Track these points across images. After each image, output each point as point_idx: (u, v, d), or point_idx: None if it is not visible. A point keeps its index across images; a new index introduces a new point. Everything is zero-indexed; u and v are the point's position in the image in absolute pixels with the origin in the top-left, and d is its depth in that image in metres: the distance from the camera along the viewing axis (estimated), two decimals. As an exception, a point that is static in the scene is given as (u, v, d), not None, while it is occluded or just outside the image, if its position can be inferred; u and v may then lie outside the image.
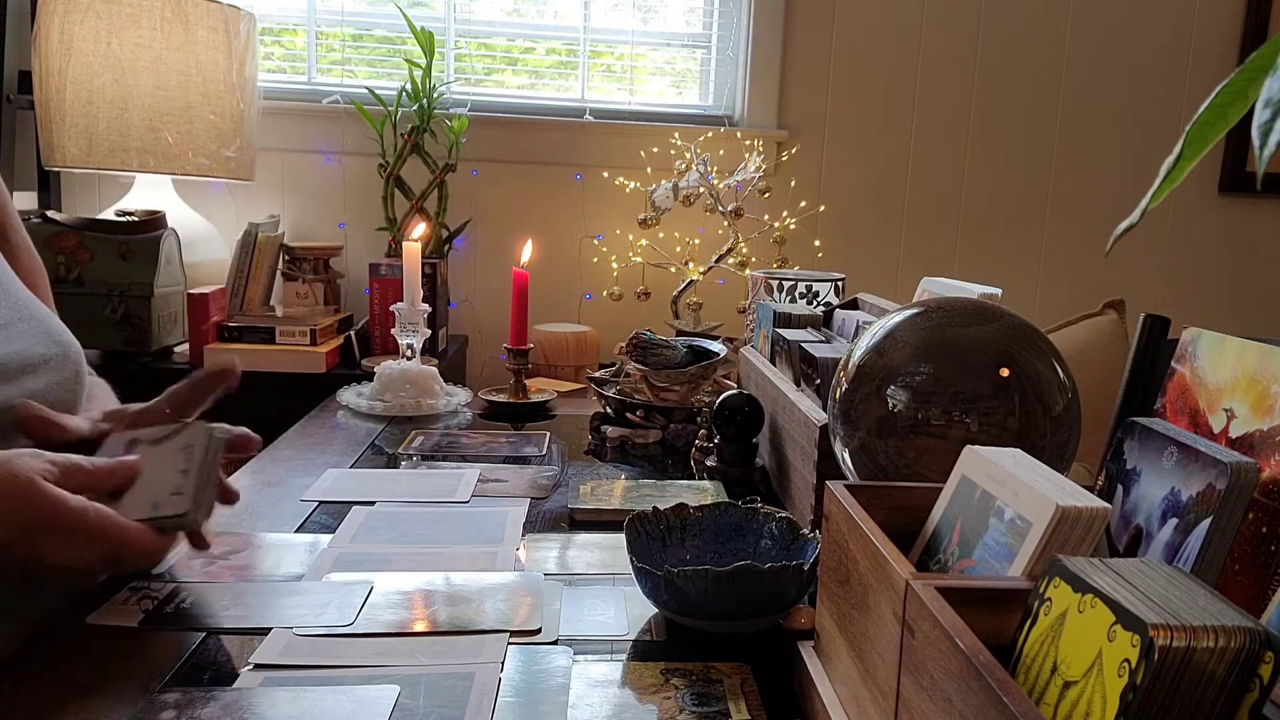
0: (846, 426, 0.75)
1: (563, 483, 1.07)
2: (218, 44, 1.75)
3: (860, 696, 0.54)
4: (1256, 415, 0.54)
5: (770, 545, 0.81)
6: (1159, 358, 0.64)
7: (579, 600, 0.77)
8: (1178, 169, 0.43)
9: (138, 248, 1.66)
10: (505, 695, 0.62)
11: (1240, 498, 0.51)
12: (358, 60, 2.22)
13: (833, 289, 1.42)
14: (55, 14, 1.66)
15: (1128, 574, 0.41)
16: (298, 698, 0.60)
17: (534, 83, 2.28)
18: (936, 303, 0.76)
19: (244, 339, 1.72)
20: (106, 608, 0.72)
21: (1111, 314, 1.82)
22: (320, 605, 0.73)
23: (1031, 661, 0.42)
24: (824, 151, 2.26)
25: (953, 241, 2.32)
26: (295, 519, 0.93)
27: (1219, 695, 0.36)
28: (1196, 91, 2.29)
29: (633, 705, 0.62)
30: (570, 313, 2.23)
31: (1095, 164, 2.31)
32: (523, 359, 1.44)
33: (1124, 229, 0.45)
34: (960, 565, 0.54)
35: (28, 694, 0.60)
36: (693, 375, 1.29)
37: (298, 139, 2.12)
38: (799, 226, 2.05)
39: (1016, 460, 0.54)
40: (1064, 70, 2.27)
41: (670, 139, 2.07)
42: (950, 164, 2.29)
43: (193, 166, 1.75)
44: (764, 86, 2.21)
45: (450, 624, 0.71)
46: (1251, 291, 2.39)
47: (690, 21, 2.27)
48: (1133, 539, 0.58)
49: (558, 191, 2.21)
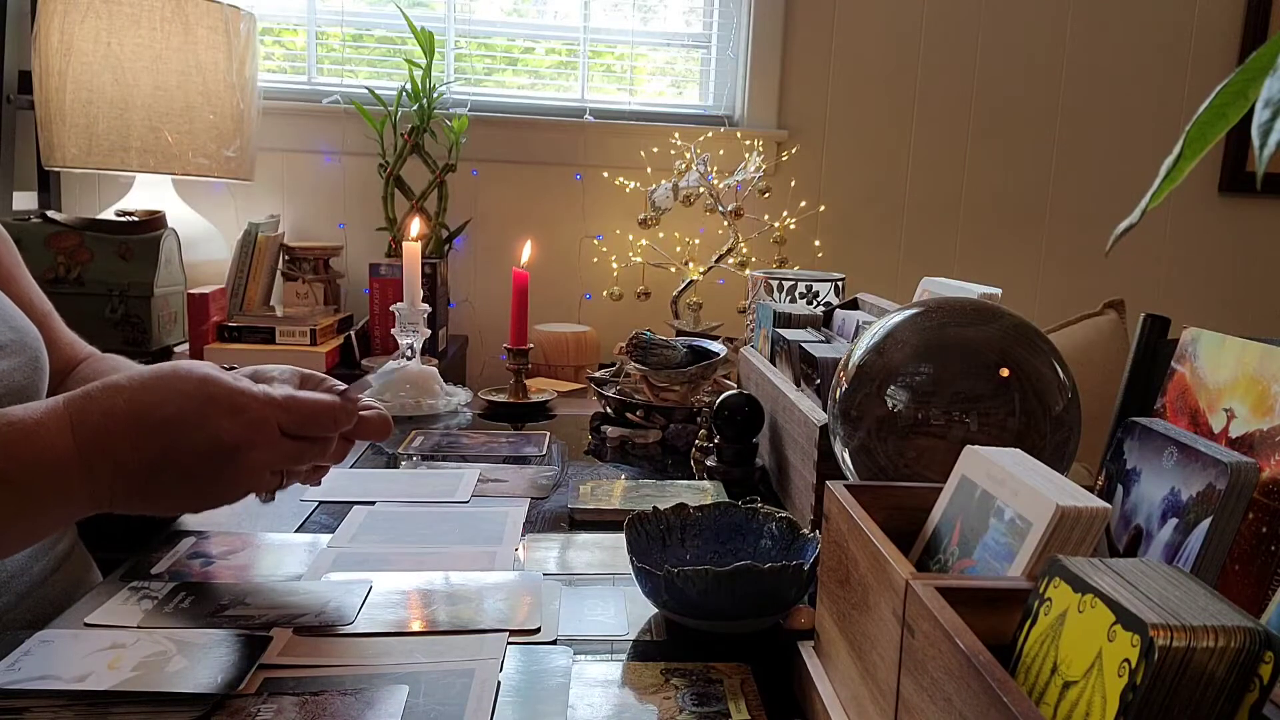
0: (846, 426, 0.75)
1: (563, 483, 1.07)
2: (218, 44, 1.75)
3: (860, 696, 0.54)
4: (1256, 415, 0.54)
5: (770, 545, 0.81)
6: (1159, 358, 0.64)
7: (579, 600, 0.77)
8: (1178, 169, 0.43)
9: (138, 248, 1.66)
10: (505, 695, 0.62)
11: (1240, 498, 0.51)
12: (358, 60, 2.22)
13: (833, 289, 1.42)
14: (55, 14, 1.66)
15: (1128, 574, 0.41)
16: (304, 701, 0.60)
17: (534, 83, 2.28)
18: (936, 303, 0.76)
19: (244, 339, 1.72)
20: (107, 607, 0.72)
21: (1111, 314, 1.82)
22: (320, 605, 0.73)
23: (1031, 661, 0.42)
24: (824, 151, 2.26)
25: (953, 241, 2.32)
26: (295, 519, 0.93)
27: (1219, 695, 0.36)
28: (1196, 91, 2.29)
29: (633, 705, 0.62)
30: (570, 313, 2.23)
31: (1095, 164, 2.31)
32: (523, 359, 1.44)
33: (1124, 229, 0.45)
34: (960, 565, 0.54)
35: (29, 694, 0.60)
36: (693, 375, 1.28)
37: (298, 139, 2.12)
38: (799, 226, 2.05)
39: (1016, 460, 0.54)
40: (1064, 70, 2.27)
41: (670, 139, 2.07)
42: (950, 164, 2.29)
43: (193, 166, 1.75)
44: (764, 86, 2.21)
45: (450, 623, 0.71)
46: (1251, 291, 2.39)
47: (690, 21, 2.27)
48: (1133, 539, 0.58)
49: (558, 191, 2.21)
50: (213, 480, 0.65)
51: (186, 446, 0.63)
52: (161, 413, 0.63)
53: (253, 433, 0.64)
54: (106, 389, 0.64)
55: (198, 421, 0.63)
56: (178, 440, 0.63)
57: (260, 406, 0.65)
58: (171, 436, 0.63)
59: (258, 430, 0.65)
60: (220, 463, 0.64)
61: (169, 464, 0.63)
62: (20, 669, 0.62)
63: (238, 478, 0.66)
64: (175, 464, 0.63)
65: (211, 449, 0.64)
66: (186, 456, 0.63)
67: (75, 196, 2.09)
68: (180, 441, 0.63)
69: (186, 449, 0.63)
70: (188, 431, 0.63)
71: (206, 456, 0.64)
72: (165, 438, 0.63)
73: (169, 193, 1.94)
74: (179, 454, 0.63)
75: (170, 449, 0.63)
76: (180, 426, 0.63)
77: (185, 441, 0.63)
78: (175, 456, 0.63)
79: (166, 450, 0.63)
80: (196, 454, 0.64)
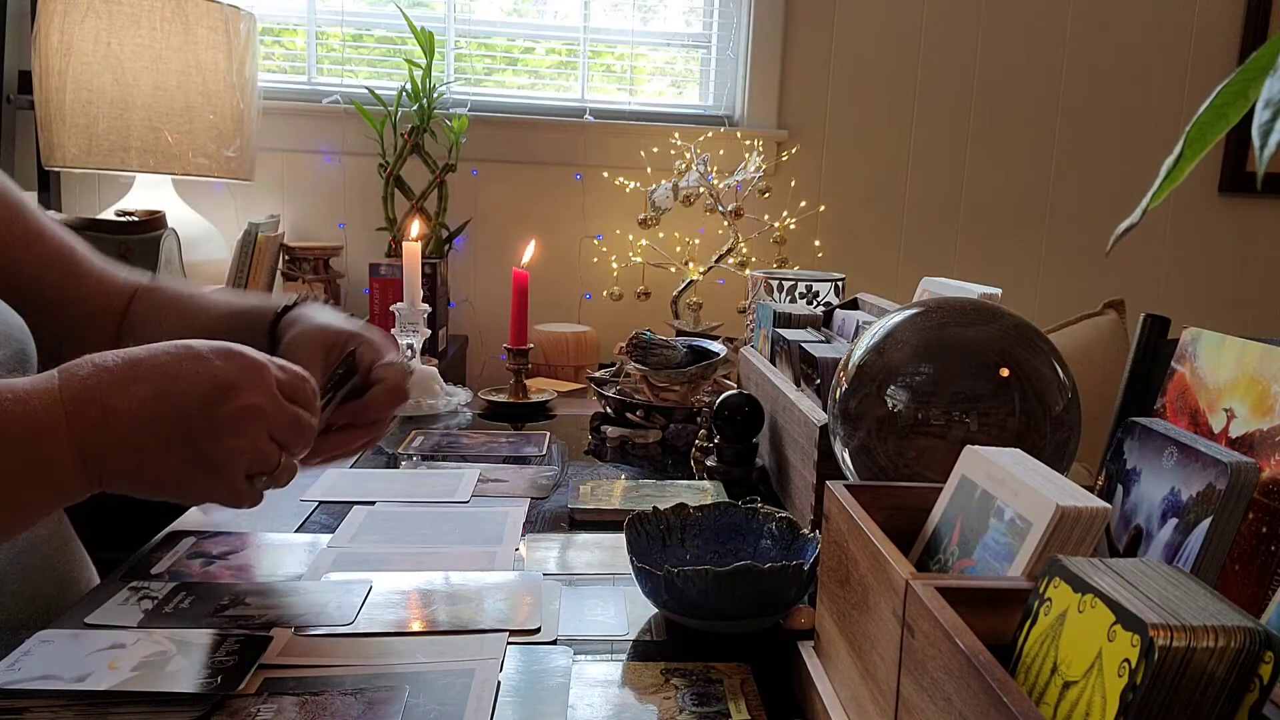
0: (846, 426, 0.75)
1: (563, 483, 1.07)
2: (218, 44, 1.75)
3: (860, 696, 0.54)
4: (1256, 415, 0.54)
5: (770, 545, 0.81)
6: (1159, 358, 0.64)
7: (579, 600, 0.77)
8: (1178, 169, 0.43)
9: (138, 248, 1.66)
10: (505, 695, 0.62)
11: (1240, 498, 0.51)
12: (358, 60, 2.22)
13: (833, 289, 1.42)
14: (55, 14, 1.66)
15: (1128, 574, 0.41)
16: (304, 701, 0.60)
17: (534, 83, 2.28)
18: (936, 303, 0.76)
19: (244, 339, 1.72)
20: (107, 608, 0.72)
21: (1111, 314, 1.82)
22: (320, 605, 0.73)
23: (1031, 661, 0.42)
24: (824, 151, 2.26)
25: (953, 241, 2.32)
26: (295, 519, 0.93)
27: (1219, 695, 0.36)
28: (1196, 91, 2.29)
29: (633, 705, 0.62)
30: (570, 313, 2.23)
31: (1095, 164, 2.31)
32: (523, 359, 1.44)
33: (1124, 229, 0.45)
34: (960, 565, 0.54)
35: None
36: (693, 375, 1.28)
37: (298, 139, 2.12)
38: (799, 226, 2.05)
39: (1016, 460, 0.54)
40: (1064, 70, 2.27)
41: (670, 139, 2.07)
42: (950, 164, 2.29)
43: (193, 166, 1.75)
44: (764, 86, 2.21)
45: (450, 623, 0.71)
46: (1251, 291, 2.39)
47: (690, 21, 2.27)
48: (1133, 539, 0.58)
49: (558, 191, 2.21)
50: (211, 434, 0.62)
51: (181, 389, 0.61)
52: (155, 359, 0.61)
53: (248, 374, 0.62)
54: (99, 354, 0.63)
55: (192, 363, 0.61)
56: (172, 384, 0.61)
57: (254, 355, 0.64)
58: (165, 381, 0.61)
59: (254, 372, 0.63)
60: (216, 405, 0.61)
61: (162, 413, 0.61)
62: (20, 669, 0.62)
63: (238, 428, 0.62)
64: (169, 411, 0.61)
65: (207, 388, 0.61)
66: (181, 399, 0.61)
67: (75, 196, 2.09)
68: (174, 386, 0.61)
69: (181, 391, 0.61)
70: (182, 371, 0.61)
71: (201, 400, 0.61)
72: (158, 383, 0.61)
73: (169, 193, 1.93)
74: (173, 398, 0.61)
75: (163, 394, 0.61)
76: (174, 368, 0.61)
77: (180, 384, 0.61)
78: (169, 400, 0.61)
79: (159, 396, 0.61)
80: (191, 396, 0.61)
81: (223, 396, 0.62)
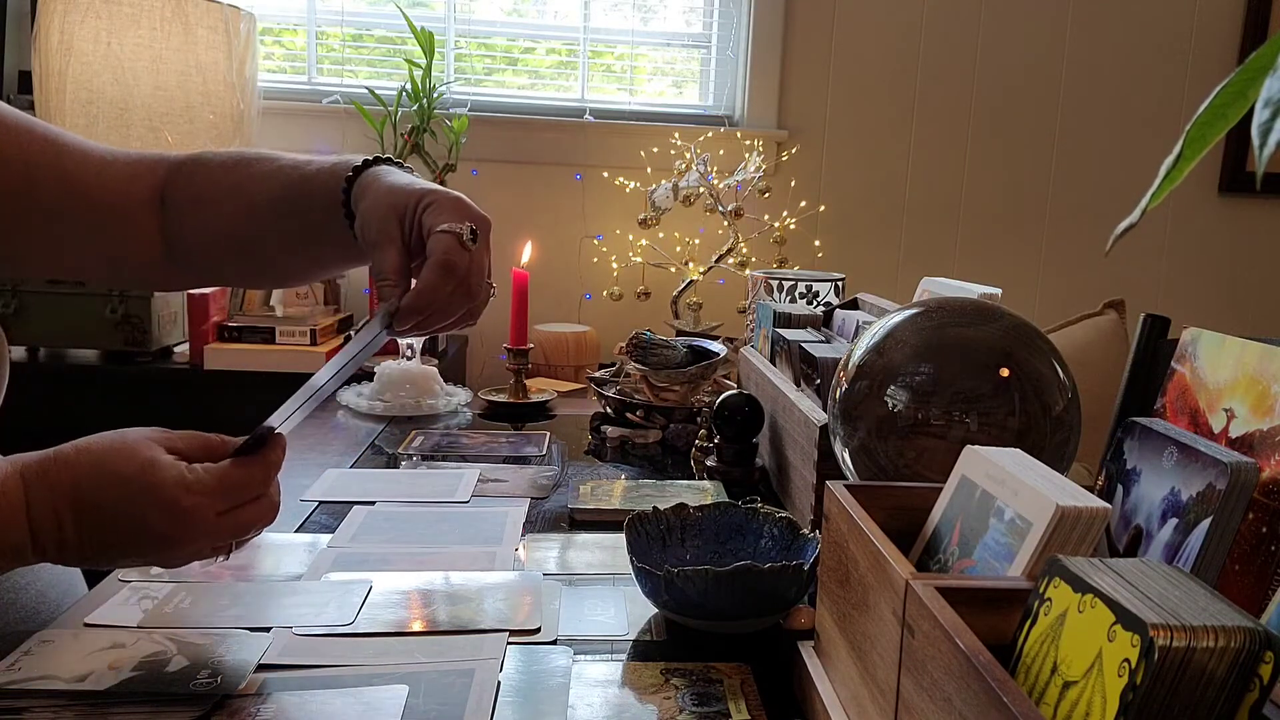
0: (846, 426, 0.75)
1: (563, 483, 1.07)
2: (218, 44, 1.75)
3: (860, 696, 0.54)
4: (1256, 415, 0.54)
5: (770, 545, 0.81)
6: (1159, 358, 0.64)
7: (579, 600, 0.77)
8: (1178, 169, 0.43)
9: (138, 248, 1.66)
10: (505, 695, 0.62)
11: (1240, 498, 0.51)
12: (358, 60, 2.22)
13: (833, 289, 1.42)
14: (55, 14, 1.66)
15: (1128, 574, 0.41)
16: (304, 701, 0.60)
17: (534, 83, 2.28)
18: (936, 303, 0.76)
19: (244, 339, 1.72)
20: (106, 608, 0.72)
21: (1111, 314, 1.82)
22: (320, 605, 0.73)
23: (1031, 661, 0.42)
24: (824, 151, 2.26)
25: (953, 241, 2.32)
26: (295, 519, 0.93)
27: (1219, 695, 0.36)
28: (1196, 91, 2.29)
29: (633, 705, 0.62)
30: (570, 313, 2.23)
31: (1095, 164, 2.31)
32: (523, 359, 1.44)
33: (1124, 229, 0.45)
34: (960, 565, 0.54)
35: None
36: (693, 375, 1.28)
37: (298, 139, 2.12)
38: (799, 226, 2.05)
39: (1016, 460, 0.54)
40: (1064, 70, 2.27)
41: (670, 139, 2.07)
42: (950, 164, 2.29)
43: (193, 166, 1.74)
44: (764, 86, 2.21)
45: (450, 623, 0.71)
46: (1251, 291, 2.39)
47: (690, 21, 2.27)
48: (1133, 539, 0.58)
49: (558, 191, 2.20)
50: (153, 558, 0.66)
51: (124, 535, 0.63)
52: (98, 498, 0.63)
53: (183, 530, 0.64)
54: (58, 463, 0.63)
55: (131, 512, 0.63)
56: (115, 528, 0.63)
57: (193, 498, 0.64)
58: (109, 526, 0.63)
59: (188, 526, 0.64)
60: (155, 549, 0.64)
61: (108, 546, 0.63)
62: (20, 669, 0.62)
63: (174, 559, 0.66)
64: (114, 547, 0.64)
65: (147, 540, 0.64)
66: (123, 541, 0.63)
67: (75, 196, 2.08)
68: (116, 531, 0.63)
69: (123, 537, 0.63)
70: (122, 522, 0.63)
71: (142, 546, 0.64)
72: (103, 527, 0.63)
73: (169, 193, 1.93)
74: (116, 539, 0.63)
75: (109, 535, 0.63)
76: (116, 517, 0.63)
77: (122, 531, 0.63)
78: (113, 541, 0.63)
79: (105, 537, 0.63)
80: (132, 542, 0.64)
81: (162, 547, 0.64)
